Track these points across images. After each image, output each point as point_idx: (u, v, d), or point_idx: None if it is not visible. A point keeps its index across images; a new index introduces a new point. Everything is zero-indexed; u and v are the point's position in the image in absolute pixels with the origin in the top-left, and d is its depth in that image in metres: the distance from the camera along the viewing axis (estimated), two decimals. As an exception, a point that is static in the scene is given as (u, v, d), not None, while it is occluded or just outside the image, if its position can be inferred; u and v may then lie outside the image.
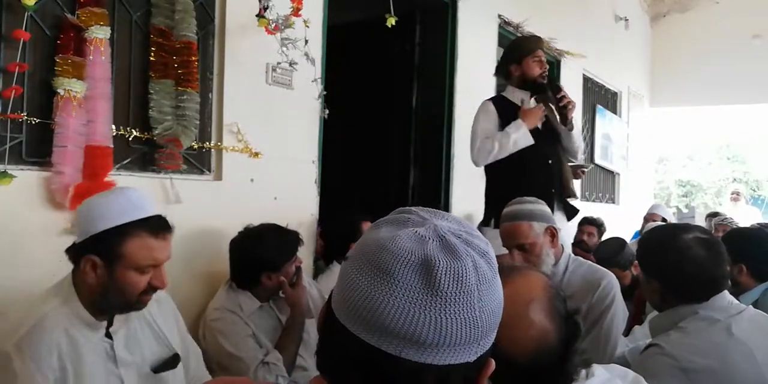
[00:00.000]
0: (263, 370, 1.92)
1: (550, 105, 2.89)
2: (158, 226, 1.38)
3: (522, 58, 2.87)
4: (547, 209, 2.11)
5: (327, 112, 2.69)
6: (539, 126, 2.83)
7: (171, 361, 1.51)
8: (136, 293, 1.37)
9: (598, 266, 2.16)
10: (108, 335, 1.42)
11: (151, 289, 1.40)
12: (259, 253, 2.01)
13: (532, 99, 2.87)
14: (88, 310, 1.37)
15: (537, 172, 2.82)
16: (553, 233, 2.06)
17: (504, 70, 2.97)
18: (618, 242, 3.18)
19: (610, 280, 2.03)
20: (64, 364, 1.30)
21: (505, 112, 2.84)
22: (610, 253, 3.08)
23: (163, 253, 1.39)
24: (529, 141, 2.76)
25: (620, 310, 2.02)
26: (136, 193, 1.41)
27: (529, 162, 2.80)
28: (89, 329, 1.38)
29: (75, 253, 1.37)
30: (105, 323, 1.41)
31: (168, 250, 1.41)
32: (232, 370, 1.94)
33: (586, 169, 3.97)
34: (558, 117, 2.89)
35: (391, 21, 2.49)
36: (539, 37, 3.08)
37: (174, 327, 1.59)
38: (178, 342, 1.58)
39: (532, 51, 2.87)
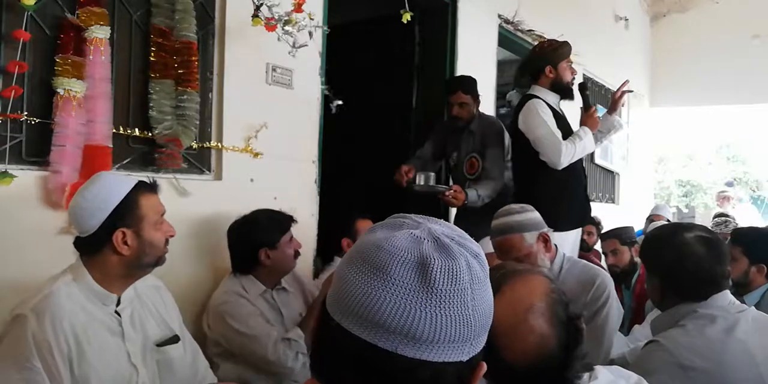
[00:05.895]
0: (283, 345, 1.95)
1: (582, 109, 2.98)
2: (150, 184, 1.52)
3: (558, 62, 2.90)
4: (537, 215, 2.09)
5: (339, 103, 2.62)
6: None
7: (172, 339, 1.59)
8: (162, 246, 1.51)
9: (593, 265, 2.18)
10: (116, 313, 1.48)
11: (167, 240, 1.54)
12: (254, 231, 2.07)
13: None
14: (101, 286, 1.44)
15: (583, 175, 2.98)
16: (545, 239, 2.06)
17: (535, 70, 2.96)
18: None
19: (604, 279, 2.05)
20: (76, 332, 1.36)
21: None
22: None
23: (162, 205, 1.54)
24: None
25: (615, 308, 2.03)
26: (109, 172, 1.57)
27: (580, 166, 2.93)
28: (102, 303, 1.45)
29: (97, 238, 1.42)
30: (116, 298, 1.48)
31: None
32: (246, 352, 1.96)
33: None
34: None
35: (407, 16, 2.42)
36: (569, 44, 3.06)
37: (174, 314, 1.66)
38: (178, 326, 1.65)
39: (567, 56, 2.93)
